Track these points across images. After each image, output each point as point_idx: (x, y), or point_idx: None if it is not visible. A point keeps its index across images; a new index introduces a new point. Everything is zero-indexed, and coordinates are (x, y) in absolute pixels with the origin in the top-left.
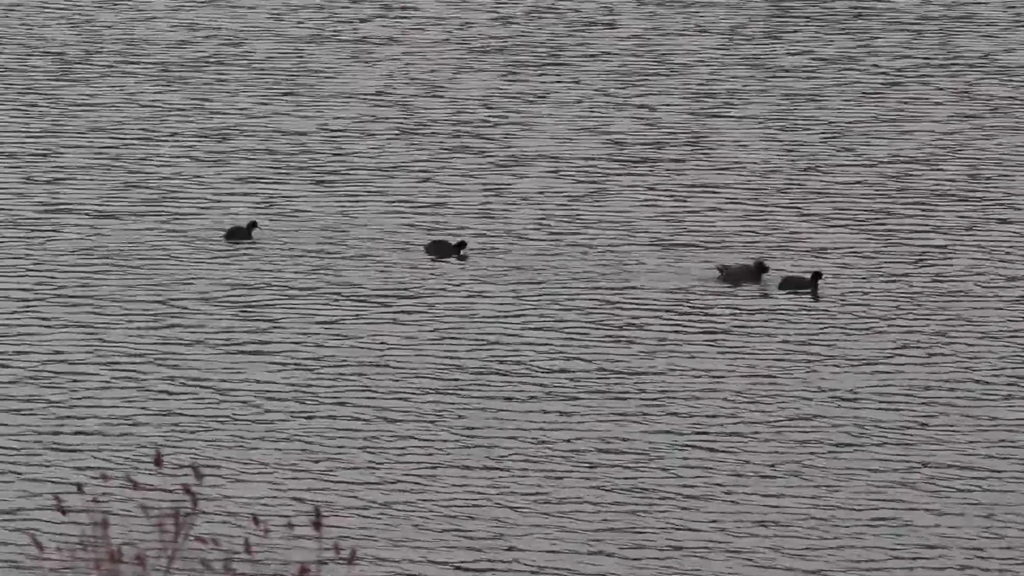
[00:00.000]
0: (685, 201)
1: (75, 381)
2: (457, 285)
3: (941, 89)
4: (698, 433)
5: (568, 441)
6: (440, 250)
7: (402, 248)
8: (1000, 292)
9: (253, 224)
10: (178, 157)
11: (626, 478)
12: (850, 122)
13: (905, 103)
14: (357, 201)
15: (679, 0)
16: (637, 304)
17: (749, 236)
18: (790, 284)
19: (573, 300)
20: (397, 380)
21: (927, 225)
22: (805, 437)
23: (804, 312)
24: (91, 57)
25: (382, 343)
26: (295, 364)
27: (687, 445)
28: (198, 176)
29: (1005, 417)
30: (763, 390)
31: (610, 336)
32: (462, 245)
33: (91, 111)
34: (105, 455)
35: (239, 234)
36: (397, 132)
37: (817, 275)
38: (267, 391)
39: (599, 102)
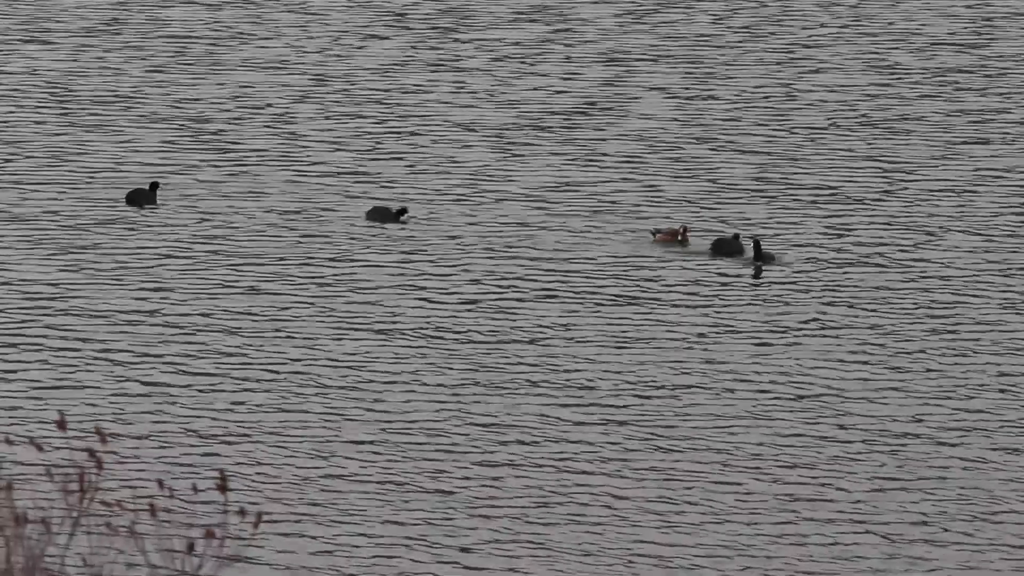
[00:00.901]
0: (598, 169)
1: None
2: (378, 252)
3: (852, 59)
4: (630, 404)
5: (484, 412)
6: (381, 216)
7: (337, 214)
8: (920, 257)
9: (155, 185)
10: (79, 123)
11: (551, 453)
12: (760, 90)
13: (815, 72)
14: (266, 167)
15: None
16: (573, 272)
17: (663, 203)
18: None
19: (504, 267)
20: (311, 344)
21: (838, 192)
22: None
23: (739, 279)
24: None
25: (296, 307)
26: (200, 328)
27: (619, 414)
28: (100, 142)
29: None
30: (699, 358)
31: (546, 304)
32: (403, 211)
33: None
34: (8, 419)
35: (142, 197)
36: (302, 99)
37: (756, 243)
38: (173, 355)
39: (506, 69)
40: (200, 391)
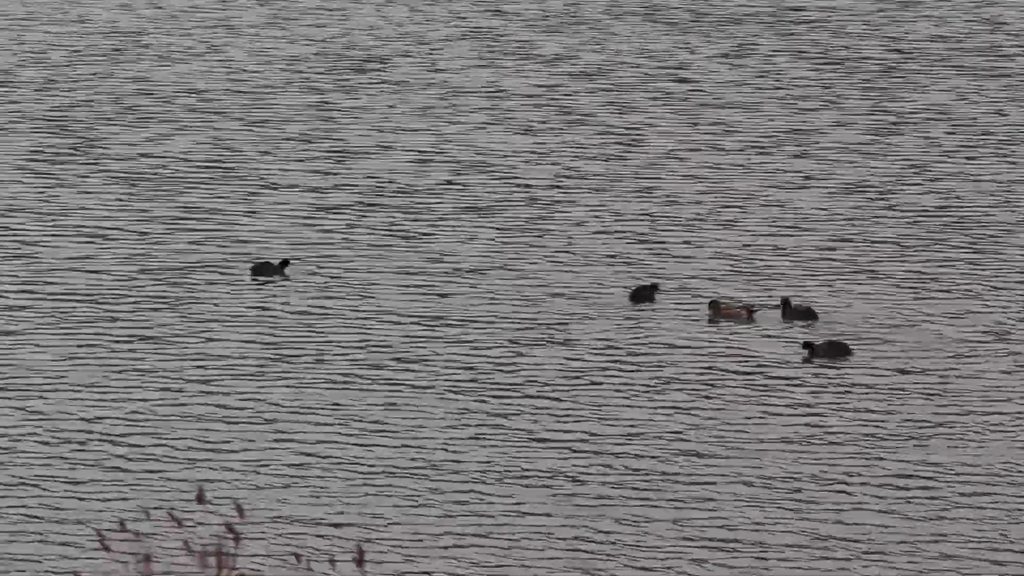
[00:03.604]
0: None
1: (116, 417)
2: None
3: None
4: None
5: (608, 474)
6: (647, 296)
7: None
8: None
9: (285, 263)
10: (207, 201)
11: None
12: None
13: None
14: (394, 243)
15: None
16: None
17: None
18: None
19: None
20: (443, 418)
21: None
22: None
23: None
24: (136, 97)
25: (424, 381)
26: (339, 401)
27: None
28: (232, 215)
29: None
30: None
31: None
32: (656, 287)
33: (138, 149)
34: (148, 492)
35: (269, 271)
36: (429, 177)
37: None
38: (310, 428)
39: (637, 160)
40: (335, 464)
